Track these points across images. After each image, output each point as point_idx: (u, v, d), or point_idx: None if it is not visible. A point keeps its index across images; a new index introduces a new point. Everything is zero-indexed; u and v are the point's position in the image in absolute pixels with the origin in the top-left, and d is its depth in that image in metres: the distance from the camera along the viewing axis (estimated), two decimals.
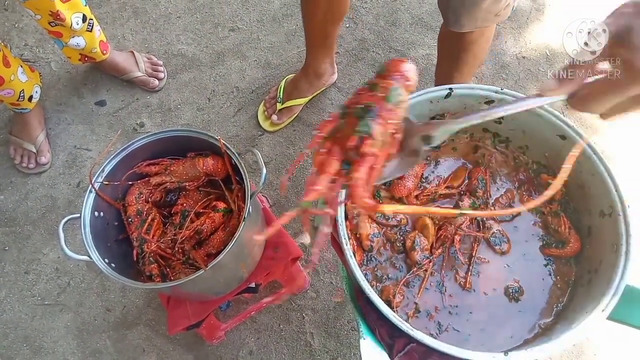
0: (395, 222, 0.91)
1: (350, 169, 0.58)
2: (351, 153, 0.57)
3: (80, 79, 1.82)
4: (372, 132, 0.57)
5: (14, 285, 1.49)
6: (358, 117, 0.59)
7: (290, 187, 1.60)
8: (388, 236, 0.91)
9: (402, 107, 0.60)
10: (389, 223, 0.91)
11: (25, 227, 1.57)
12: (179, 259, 1.00)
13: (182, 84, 1.80)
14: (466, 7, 1.06)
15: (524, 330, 0.83)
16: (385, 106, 0.58)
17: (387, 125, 0.58)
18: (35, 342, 1.42)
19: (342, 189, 0.58)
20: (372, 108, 0.58)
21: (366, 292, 0.72)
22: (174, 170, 1.05)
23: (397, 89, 0.61)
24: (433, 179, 0.96)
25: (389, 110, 0.59)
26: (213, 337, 1.32)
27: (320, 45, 1.53)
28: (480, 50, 1.24)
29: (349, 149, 0.57)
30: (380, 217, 0.91)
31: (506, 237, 0.89)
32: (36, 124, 1.66)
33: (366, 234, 0.90)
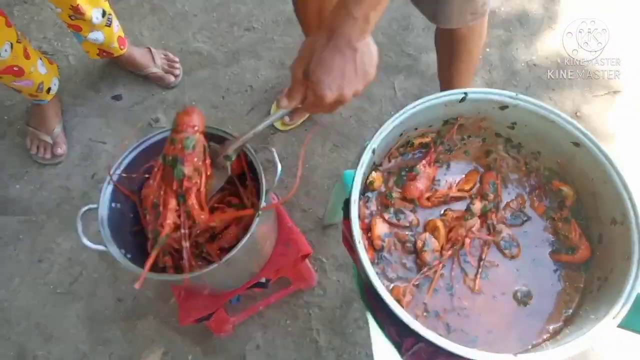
0: (407, 223, 0.93)
1: (184, 200, 0.91)
2: (179, 190, 0.90)
3: (98, 73, 1.85)
4: (185, 174, 0.89)
5: (27, 274, 1.52)
6: (172, 166, 0.90)
7: (300, 185, 1.62)
8: (399, 236, 0.92)
9: (199, 148, 0.91)
10: (401, 223, 0.93)
11: (39, 216, 1.60)
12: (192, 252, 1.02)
13: (197, 82, 1.82)
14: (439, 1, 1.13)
15: (532, 334, 0.84)
16: (186, 153, 0.90)
17: (194, 163, 0.90)
18: (46, 329, 1.45)
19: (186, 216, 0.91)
20: (178, 158, 0.90)
21: (378, 290, 0.74)
22: None
23: (189, 138, 0.90)
24: (445, 182, 0.97)
25: (190, 154, 0.90)
26: (221, 330, 1.34)
27: None
28: (473, 46, 1.28)
29: (177, 189, 0.90)
30: (392, 217, 0.93)
31: (516, 241, 0.90)
32: (53, 115, 1.69)
33: (377, 234, 0.92)
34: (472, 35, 1.22)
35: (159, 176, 0.93)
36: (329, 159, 1.66)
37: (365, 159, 0.84)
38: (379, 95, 1.75)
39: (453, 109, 0.92)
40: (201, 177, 0.93)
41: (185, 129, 0.91)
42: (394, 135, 0.92)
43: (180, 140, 0.91)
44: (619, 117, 1.71)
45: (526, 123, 0.92)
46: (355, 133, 1.69)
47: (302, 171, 1.63)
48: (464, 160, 1.00)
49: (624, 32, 1.75)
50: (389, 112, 1.72)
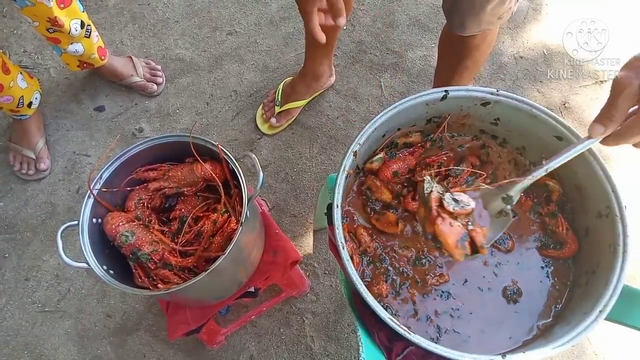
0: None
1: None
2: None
3: (79, 84, 1.83)
4: (149, 254, 0.98)
5: (14, 292, 1.49)
6: (137, 260, 0.99)
7: (288, 190, 1.61)
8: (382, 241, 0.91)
9: (137, 230, 1.00)
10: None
11: (25, 233, 1.57)
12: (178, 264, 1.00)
13: (180, 89, 1.80)
14: (475, 10, 1.04)
15: (522, 331, 0.83)
16: (131, 243, 0.99)
17: (147, 241, 1.00)
18: (36, 349, 1.42)
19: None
20: (133, 250, 0.99)
21: (363, 296, 0.72)
22: (173, 176, 1.06)
23: (123, 235, 0.98)
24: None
25: (136, 240, 0.99)
26: (213, 341, 1.32)
27: (320, 48, 1.53)
28: (481, 55, 1.24)
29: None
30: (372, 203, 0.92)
31: (508, 234, 0.89)
32: (35, 130, 1.67)
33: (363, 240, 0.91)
34: (483, 43, 1.18)
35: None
36: (317, 161, 1.64)
37: (347, 163, 0.82)
38: (366, 94, 1.74)
39: (434, 107, 0.91)
40: (165, 238, 1.02)
41: (116, 233, 0.98)
42: (377, 137, 0.91)
43: (120, 241, 0.98)
44: None
45: (509, 119, 0.91)
46: (342, 134, 1.67)
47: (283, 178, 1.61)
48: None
49: (624, 32, 1.75)
50: (376, 111, 1.69)
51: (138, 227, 1.01)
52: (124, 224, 1.00)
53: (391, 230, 0.91)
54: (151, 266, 0.99)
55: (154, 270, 0.99)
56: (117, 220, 1.00)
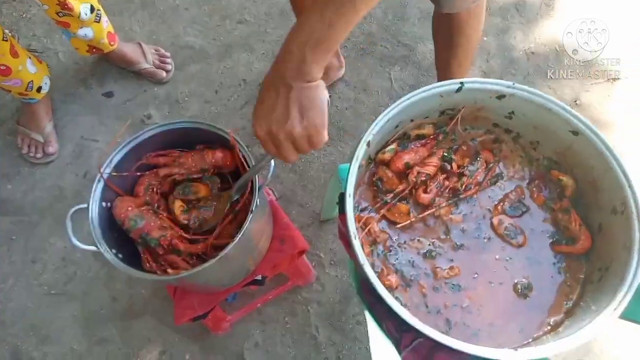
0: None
1: None
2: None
3: (88, 70, 1.82)
4: (157, 239, 0.98)
5: (21, 274, 1.50)
6: (147, 244, 1.00)
7: (296, 180, 1.60)
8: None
9: (146, 214, 1.00)
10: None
11: (32, 216, 1.58)
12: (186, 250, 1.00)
13: (189, 76, 1.79)
14: None
15: (533, 326, 0.83)
16: (140, 227, 0.99)
17: (157, 226, 0.99)
18: (41, 330, 1.43)
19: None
20: (142, 235, 0.99)
21: (375, 286, 0.72)
22: (183, 162, 1.05)
23: (131, 219, 0.98)
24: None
25: (145, 225, 0.99)
26: (219, 328, 1.32)
27: None
28: (473, 31, 1.26)
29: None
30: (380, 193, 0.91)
31: (520, 229, 0.89)
32: (44, 114, 1.66)
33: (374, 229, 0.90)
34: (471, 19, 1.20)
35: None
36: (325, 152, 1.63)
37: (359, 153, 0.82)
38: (375, 86, 1.73)
39: (449, 99, 0.90)
40: (174, 224, 1.01)
41: (125, 217, 0.98)
42: (390, 128, 0.90)
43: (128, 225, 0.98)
44: (619, 105, 1.69)
45: (524, 112, 0.90)
46: (351, 125, 1.66)
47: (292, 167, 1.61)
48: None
49: (624, 32, 1.73)
50: (386, 103, 1.69)
51: (147, 212, 1.01)
52: (133, 209, 1.00)
53: (402, 220, 0.90)
54: (159, 251, 0.99)
55: (162, 255, 0.99)
56: (126, 204, 1.00)
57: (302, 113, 0.65)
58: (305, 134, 0.66)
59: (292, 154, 0.70)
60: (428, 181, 0.93)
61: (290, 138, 0.66)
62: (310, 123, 0.65)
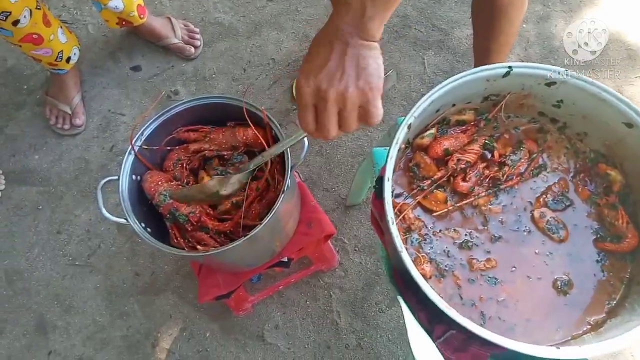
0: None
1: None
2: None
3: (117, 43, 1.81)
4: (187, 215, 0.98)
5: (46, 244, 1.51)
6: (174, 219, 1.00)
7: (322, 163, 1.57)
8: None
9: (175, 189, 1.00)
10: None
11: (58, 187, 1.58)
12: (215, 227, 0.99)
13: (217, 53, 1.77)
14: None
15: (571, 325, 0.79)
16: (169, 203, 0.99)
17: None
18: (65, 300, 1.44)
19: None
20: (171, 210, 0.99)
21: (412, 274, 0.69)
22: (214, 138, 1.03)
23: (161, 194, 0.99)
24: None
25: (172, 201, 0.99)
26: (240, 308, 1.31)
27: None
28: (515, 15, 1.19)
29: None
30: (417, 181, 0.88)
31: (562, 223, 0.85)
32: (72, 85, 1.66)
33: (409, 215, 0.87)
34: (514, 2, 1.14)
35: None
36: (353, 136, 1.60)
37: (400, 136, 0.78)
38: (408, 70, 1.68)
39: (495, 84, 0.86)
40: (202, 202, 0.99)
41: (155, 192, 0.98)
42: (431, 111, 0.86)
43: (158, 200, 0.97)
44: None
45: (574, 101, 0.85)
46: None
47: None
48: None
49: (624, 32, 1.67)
50: (418, 89, 1.65)
51: (177, 188, 1.00)
52: (163, 183, 0.99)
53: (439, 208, 0.87)
54: (188, 227, 0.97)
55: (190, 232, 0.98)
56: (157, 178, 0.99)
57: (359, 73, 0.58)
58: (358, 97, 0.58)
59: (334, 126, 0.61)
60: (467, 169, 0.89)
61: (341, 100, 0.59)
62: (367, 85, 0.58)
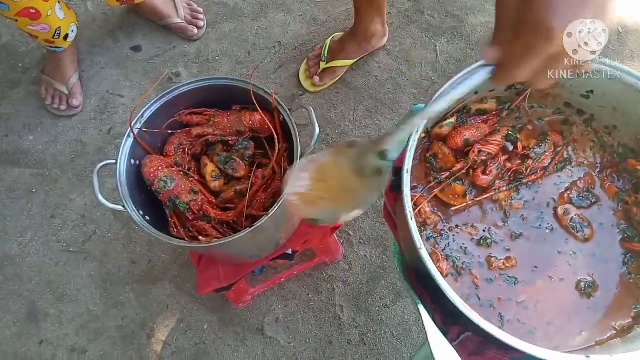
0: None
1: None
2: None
3: (116, 21, 1.74)
4: (188, 203, 0.93)
5: (39, 229, 1.46)
6: (174, 207, 0.94)
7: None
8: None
9: (177, 176, 0.94)
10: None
11: (53, 170, 1.53)
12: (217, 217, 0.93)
13: (221, 35, 1.70)
14: None
15: (595, 329, 0.74)
16: (171, 189, 0.93)
17: (187, 189, 0.94)
18: (58, 288, 1.39)
19: None
20: (171, 198, 0.93)
21: (432, 273, 0.64)
22: (218, 123, 0.98)
23: (161, 180, 0.92)
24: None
25: (175, 187, 0.93)
26: (240, 300, 1.27)
27: (367, 4, 1.41)
28: None
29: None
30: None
31: (587, 221, 0.80)
32: (69, 64, 1.59)
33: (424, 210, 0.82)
34: None
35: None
36: (360, 125, 1.54)
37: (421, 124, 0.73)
38: (419, 58, 1.62)
39: None
40: (205, 189, 0.96)
41: (154, 177, 0.92)
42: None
43: (158, 186, 0.92)
44: None
45: (605, 92, 0.80)
46: (390, 98, 1.56)
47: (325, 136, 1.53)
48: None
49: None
50: (429, 77, 1.58)
51: (178, 174, 0.94)
52: (164, 169, 0.93)
53: (457, 202, 0.82)
54: (189, 216, 0.92)
55: (191, 221, 0.93)
56: (157, 164, 0.93)
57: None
58: None
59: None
60: (488, 161, 0.84)
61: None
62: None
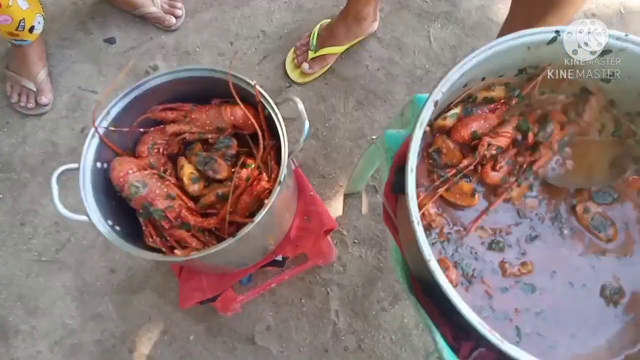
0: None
1: None
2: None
3: (88, 12, 1.62)
4: (163, 210, 0.83)
5: (8, 238, 1.34)
6: (148, 216, 0.84)
7: (318, 147, 1.43)
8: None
9: (150, 180, 0.84)
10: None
11: (22, 174, 1.41)
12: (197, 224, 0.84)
13: (201, 25, 1.59)
14: None
15: (624, 341, 0.67)
16: (141, 196, 0.83)
17: (162, 195, 0.84)
18: (30, 301, 1.29)
19: None
20: (144, 204, 0.83)
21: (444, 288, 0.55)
22: (196, 119, 0.87)
23: (132, 185, 0.82)
24: None
25: (148, 193, 0.83)
26: (227, 309, 1.17)
27: None
28: (569, 11, 0.96)
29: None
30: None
31: (609, 219, 0.72)
32: (37, 59, 1.47)
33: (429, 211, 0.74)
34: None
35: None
36: (352, 117, 1.45)
37: (426, 115, 0.64)
38: (412, 45, 1.52)
39: (536, 53, 0.71)
40: (182, 193, 0.85)
41: (124, 182, 0.81)
42: (458, 86, 0.72)
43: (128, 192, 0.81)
44: None
45: (630, 75, 0.71)
46: (383, 89, 1.47)
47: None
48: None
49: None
50: (423, 65, 1.50)
51: (151, 178, 0.84)
52: (135, 172, 0.83)
53: (465, 202, 0.73)
54: (165, 225, 0.82)
55: (168, 229, 0.83)
56: (127, 166, 0.83)
57: None
58: None
59: None
60: (498, 156, 0.75)
61: None
62: None
